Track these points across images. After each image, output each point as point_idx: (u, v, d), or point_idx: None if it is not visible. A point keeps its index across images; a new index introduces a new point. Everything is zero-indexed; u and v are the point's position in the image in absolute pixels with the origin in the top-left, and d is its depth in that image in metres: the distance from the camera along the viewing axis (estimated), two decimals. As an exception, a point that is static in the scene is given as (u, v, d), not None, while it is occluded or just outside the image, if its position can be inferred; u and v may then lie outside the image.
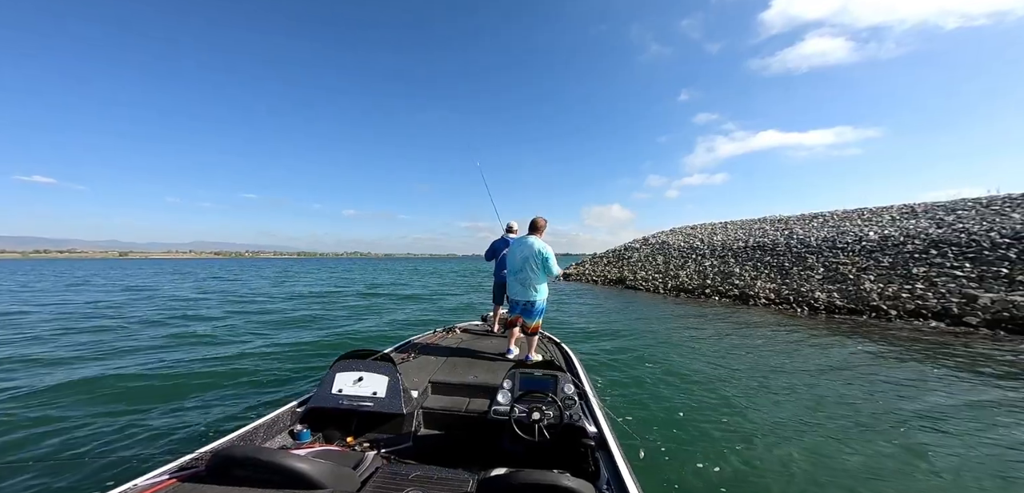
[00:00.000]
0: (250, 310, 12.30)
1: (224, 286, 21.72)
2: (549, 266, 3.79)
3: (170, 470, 1.76)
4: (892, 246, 13.69)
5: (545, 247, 3.80)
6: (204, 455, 1.79)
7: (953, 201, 17.96)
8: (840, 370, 5.72)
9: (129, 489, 1.60)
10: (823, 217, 21.59)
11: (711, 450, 3.46)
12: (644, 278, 19.30)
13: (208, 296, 16.31)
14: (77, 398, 4.47)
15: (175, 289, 19.39)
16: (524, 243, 3.87)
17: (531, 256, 3.77)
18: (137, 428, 3.74)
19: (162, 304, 13.47)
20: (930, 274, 10.94)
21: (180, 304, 13.51)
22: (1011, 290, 8.97)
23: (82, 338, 7.68)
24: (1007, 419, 4.02)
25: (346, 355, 2.88)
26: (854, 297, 10.88)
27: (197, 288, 20.10)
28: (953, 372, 5.50)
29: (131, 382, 5.02)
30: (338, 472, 1.64)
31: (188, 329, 8.77)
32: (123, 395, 4.59)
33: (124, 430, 3.70)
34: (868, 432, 3.83)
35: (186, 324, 9.48)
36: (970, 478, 3.08)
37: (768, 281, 14.20)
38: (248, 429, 2.32)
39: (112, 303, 13.53)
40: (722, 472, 3.14)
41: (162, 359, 6.17)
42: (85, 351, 6.63)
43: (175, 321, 9.94)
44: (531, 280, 3.79)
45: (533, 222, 3.98)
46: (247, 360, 6.22)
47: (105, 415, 4.00)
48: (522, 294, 3.84)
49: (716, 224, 28.31)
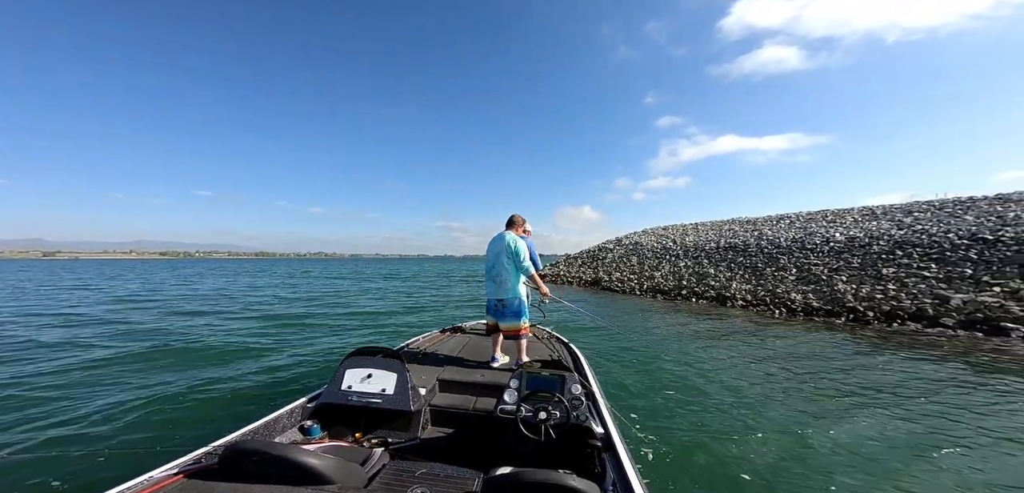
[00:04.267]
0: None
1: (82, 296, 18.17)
2: (520, 260, 3.56)
3: (182, 464, 1.77)
4: (859, 247, 13.98)
5: (518, 240, 3.61)
6: (217, 450, 1.83)
7: (908, 203, 18.83)
8: (834, 373, 5.58)
9: (142, 482, 1.61)
10: (790, 218, 22.20)
11: (715, 453, 3.47)
12: (619, 279, 19.04)
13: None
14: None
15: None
16: (498, 239, 3.71)
17: (503, 250, 3.60)
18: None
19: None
20: (900, 275, 11.12)
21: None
22: (979, 291, 9.13)
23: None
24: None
25: (356, 352, 2.89)
26: (830, 298, 10.88)
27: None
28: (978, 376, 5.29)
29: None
30: (347, 468, 1.66)
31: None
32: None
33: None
34: (873, 432, 3.79)
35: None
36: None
37: (743, 282, 14.16)
38: (259, 424, 2.33)
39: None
40: (727, 475, 3.17)
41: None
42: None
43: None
44: (503, 277, 3.60)
45: (510, 218, 3.81)
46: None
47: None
48: (494, 292, 3.67)
49: (687, 225, 28.68)
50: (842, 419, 4.13)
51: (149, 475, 1.66)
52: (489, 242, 3.86)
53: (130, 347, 7.06)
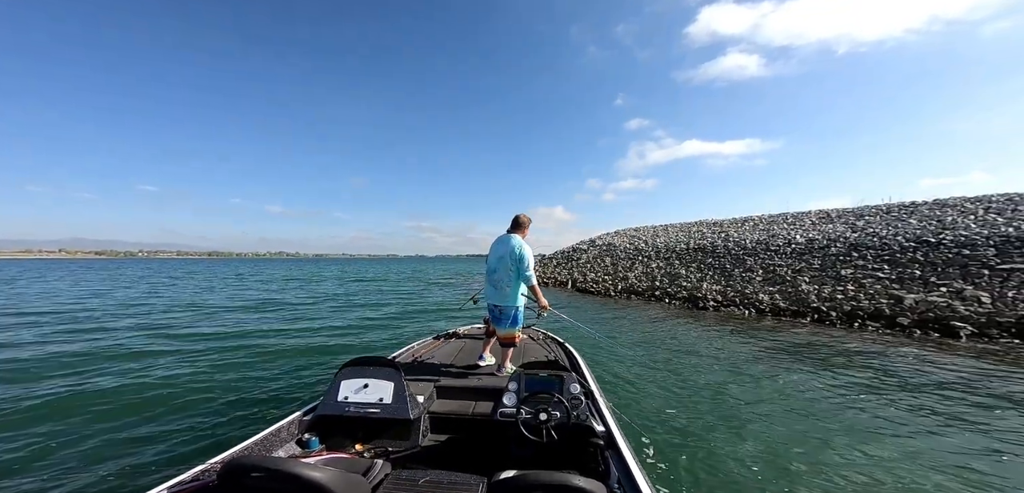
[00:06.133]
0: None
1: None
2: (523, 268, 3.43)
3: (179, 483, 1.74)
4: (819, 249, 14.73)
5: (524, 247, 3.48)
6: (214, 465, 1.82)
7: (859, 207, 20.09)
8: (813, 374, 5.69)
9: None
10: (754, 221, 23.17)
11: (716, 448, 3.54)
12: (594, 280, 19.18)
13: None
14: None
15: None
16: (503, 241, 3.58)
17: (506, 255, 3.47)
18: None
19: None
20: (857, 275, 11.76)
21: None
22: (928, 291, 9.76)
23: None
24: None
25: (351, 362, 2.83)
26: (795, 299, 11.34)
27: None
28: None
29: None
30: (350, 479, 1.63)
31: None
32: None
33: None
34: (861, 437, 3.85)
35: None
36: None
37: (714, 283, 14.58)
38: (256, 438, 2.27)
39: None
40: (727, 469, 3.23)
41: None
42: None
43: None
44: (503, 283, 3.49)
45: (515, 219, 3.63)
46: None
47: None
48: (494, 297, 3.58)
49: (657, 227, 29.43)
50: (835, 422, 4.21)
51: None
52: (493, 242, 3.71)
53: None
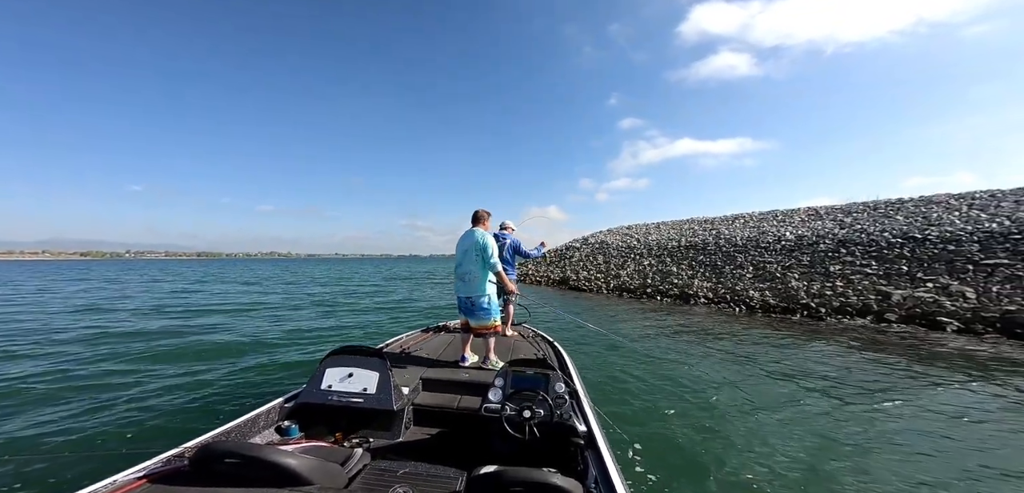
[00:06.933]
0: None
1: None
2: (487, 256, 3.49)
3: (149, 467, 1.70)
4: (808, 246, 14.87)
5: (487, 236, 3.57)
6: (187, 450, 1.79)
7: (847, 204, 20.35)
8: (804, 375, 5.66)
9: (106, 485, 1.57)
10: (744, 218, 23.36)
11: (696, 450, 3.58)
12: (587, 278, 19.18)
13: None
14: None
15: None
16: (467, 236, 3.66)
17: (471, 247, 3.55)
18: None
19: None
20: (845, 271, 11.88)
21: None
22: (915, 286, 9.89)
23: None
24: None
25: (336, 350, 2.81)
26: (785, 295, 11.42)
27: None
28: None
29: None
30: (326, 468, 1.62)
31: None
32: None
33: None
34: (842, 434, 3.88)
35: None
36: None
37: (705, 280, 14.65)
38: (234, 424, 2.24)
39: None
40: (707, 471, 3.25)
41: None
42: None
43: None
44: (471, 275, 3.56)
45: (475, 214, 3.74)
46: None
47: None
48: (463, 290, 3.63)
49: (649, 225, 29.56)
50: (821, 421, 4.19)
51: (114, 479, 1.61)
52: (458, 240, 3.80)
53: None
